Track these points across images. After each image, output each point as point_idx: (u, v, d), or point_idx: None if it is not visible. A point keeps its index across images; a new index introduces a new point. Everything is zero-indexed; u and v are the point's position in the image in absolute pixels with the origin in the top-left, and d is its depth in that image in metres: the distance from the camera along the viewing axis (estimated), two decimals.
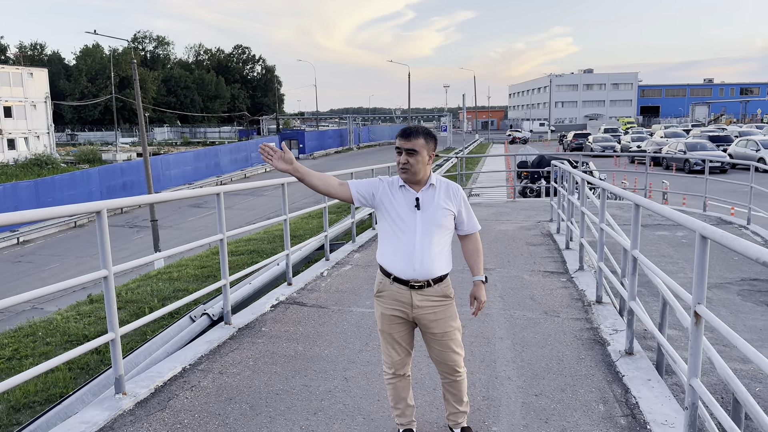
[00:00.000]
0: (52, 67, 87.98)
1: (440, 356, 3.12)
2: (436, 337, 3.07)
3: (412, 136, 2.98)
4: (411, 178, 3.00)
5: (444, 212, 3.02)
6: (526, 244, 9.16)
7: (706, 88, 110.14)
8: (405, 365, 3.16)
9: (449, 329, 3.07)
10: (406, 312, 3.03)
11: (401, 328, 3.09)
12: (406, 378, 3.20)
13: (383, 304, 3.07)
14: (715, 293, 7.55)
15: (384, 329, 3.10)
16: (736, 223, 11.36)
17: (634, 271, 4.37)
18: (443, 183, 3.12)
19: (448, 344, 3.08)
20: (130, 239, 27.89)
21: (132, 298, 8.69)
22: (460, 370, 3.16)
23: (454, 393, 3.22)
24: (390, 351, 3.12)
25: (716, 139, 33.30)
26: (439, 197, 3.04)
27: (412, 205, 3.00)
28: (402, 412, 3.24)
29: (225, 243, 4.96)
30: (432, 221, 2.99)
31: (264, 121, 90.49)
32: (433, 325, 3.04)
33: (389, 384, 3.19)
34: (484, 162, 40.09)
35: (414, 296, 2.99)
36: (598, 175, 17.93)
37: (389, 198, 3.03)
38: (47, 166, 47.83)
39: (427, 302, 3.01)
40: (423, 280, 2.98)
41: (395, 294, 3.02)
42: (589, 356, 4.55)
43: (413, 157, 2.97)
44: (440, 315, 3.04)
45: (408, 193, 3.03)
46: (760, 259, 2.22)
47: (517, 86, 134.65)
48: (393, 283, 3.02)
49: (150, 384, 3.90)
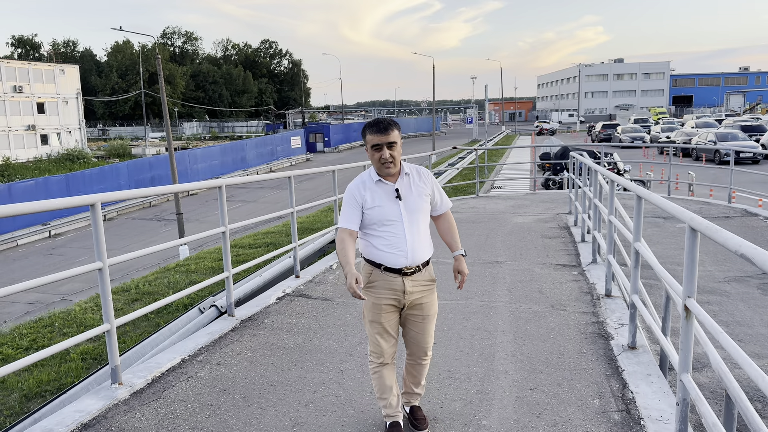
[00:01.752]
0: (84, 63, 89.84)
1: (416, 338, 3.20)
2: (418, 320, 3.15)
3: (388, 129, 2.99)
4: (393, 171, 3.03)
5: (423, 198, 3.10)
6: (541, 237, 9.04)
7: (741, 77, 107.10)
8: (392, 354, 3.21)
9: (431, 312, 3.18)
10: (398, 299, 3.08)
11: (392, 316, 3.13)
12: (392, 365, 3.23)
13: (376, 294, 3.08)
14: (734, 287, 7.35)
15: (374, 319, 3.11)
16: (762, 214, 11.04)
17: (636, 263, 4.27)
18: (414, 169, 3.18)
19: (427, 327, 3.18)
20: (157, 232, 28.41)
21: (149, 290, 8.84)
22: (429, 353, 3.27)
23: (415, 375, 3.31)
24: (380, 341, 3.13)
25: (749, 129, 32.41)
26: (415, 183, 3.10)
27: (392, 196, 3.04)
28: (388, 402, 3.24)
29: (227, 236, 5.00)
30: (414, 208, 3.06)
31: (290, 115, 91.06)
32: (419, 309, 3.13)
33: (375, 373, 3.20)
34: (509, 154, 39.70)
35: (406, 283, 3.06)
36: (622, 167, 17.62)
37: (371, 195, 3.05)
38: (79, 160, 48.97)
39: (418, 287, 3.10)
40: (414, 266, 3.07)
41: (388, 283, 3.06)
42: (591, 350, 4.48)
43: (394, 150, 3.00)
44: (427, 299, 3.14)
45: (386, 186, 3.06)
46: (738, 251, 2.15)
47: (546, 77, 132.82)
48: (384, 273, 3.06)
49: (147, 374, 3.97)
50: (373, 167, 3.08)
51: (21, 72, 51.06)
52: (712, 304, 6.77)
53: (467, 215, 11.39)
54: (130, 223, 31.15)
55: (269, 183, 38.76)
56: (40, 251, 26.36)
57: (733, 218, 10.89)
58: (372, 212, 3.03)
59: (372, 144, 2.99)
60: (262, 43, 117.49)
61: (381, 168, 3.02)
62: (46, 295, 18.14)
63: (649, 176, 19.49)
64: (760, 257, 1.98)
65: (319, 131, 63.15)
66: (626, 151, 35.52)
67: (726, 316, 6.46)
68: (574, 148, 16.98)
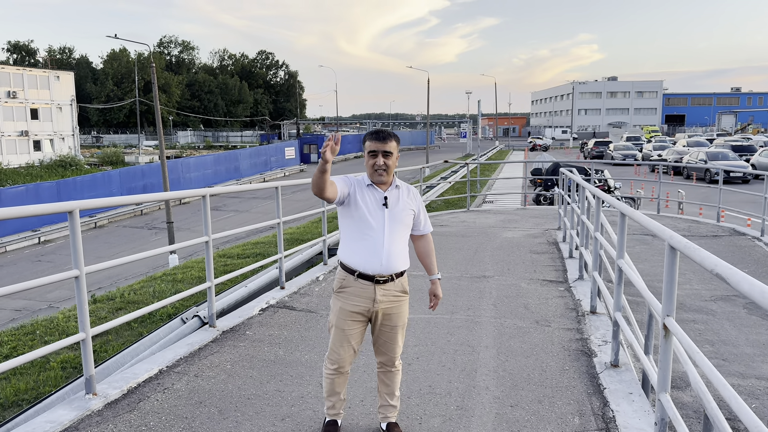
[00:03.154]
0: (80, 70, 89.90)
1: (385, 347, 3.25)
2: (385, 329, 3.20)
3: (387, 139, 3.12)
4: (386, 179, 3.13)
5: (408, 212, 3.20)
6: (530, 252, 9.04)
7: (733, 97, 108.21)
8: (348, 363, 3.26)
9: (401, 323, 3.23)
10: (367, 307, 3.12)
11: (357, 325, 3.16)
12: (345, 374, 3.29)
13: (345, 300, 3.14)
14: (720, 306, 7.36)
15: (339, 325, 3.17)
16: (750, 234, 11.09)
17: (620, 281, 4.25)
18: (404, 185, 3.27)
19: (396, 337, 3.23)
20: (148, 240, 28.25)
21: (133, 299, 8.76)
22: (397, 363, 3.31)
23: (387, 384, 3.32)
24: (338, 348, 3.19)
25: (739, 148, 32.67)
26: (404, 198, 3.20)
27: (380, 203, 3.12)
28: (333, 405, 3.35)
29: (210, 246, 4.95)
30: (398, 219, 3.14)
31: (285, 126, 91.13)
32: (389, 319, 3.18)
33: (328, 378, 3.28)
34: (502, 168, 39.83)
35: (377, 291, 3.11)
36: (612, 184, 17.69)
37: (361, 195, 3.13)
38: (71, 167, 48.72)
39: (389, 296, 3.14)
40: (387, 274, 3.12)
41: (359, 290, 3.11)
42: (573, 367, 4.45)
43: (389, 159, 3.11)
44: (397, 309, 3.19)
45: (376, 192, 3.15)
46: (713, 270, 2.13)
47: (540, 93, 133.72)
48: (357, 280, 3.11)
49: (123, 385, 3.90)
50: (366, 173, 3.18)
51: (15, 77, 50.95)
52: (698, 322, 6.77)
53: (457, 229, 11.37)
54: (120, 231, 30.98)
55: (262, 193, 38.70)
56: (28, 258, 26.14)
57: (722, 237, 10.92)
58: (357, 209, 3.09)
59: (369, 150, 3.11)
60: (259, 53, 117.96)
61: (373, 174, 3.12)
62: (32, 302, 17.96)
63: (640, 194, 19.58)
64: (734, 277, 1.96)
65: (313, 142, 63.18)
66: (618, 168, 35.70)
67: (711, 335, 6.45)
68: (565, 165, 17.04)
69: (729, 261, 8.53)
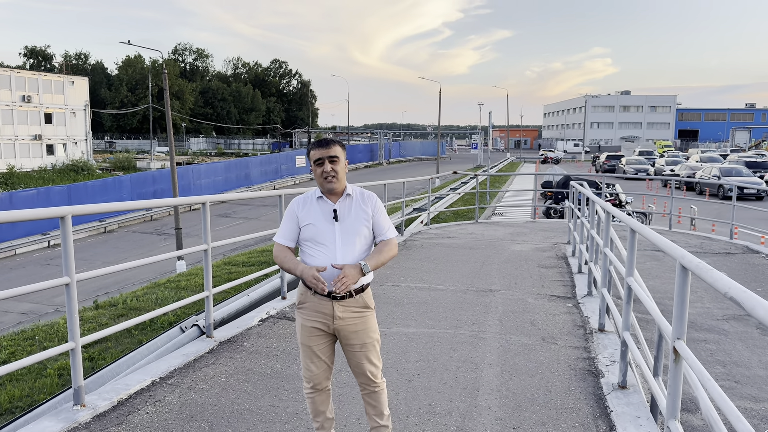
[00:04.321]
0: (95, 76, 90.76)
1: (358, 368, 3.10)
2: (354, 349, 3.05)
3: (330, 144, 3.04)
4: (336, 187, 3.01)
5: (362, 221, 3.03)
6: (538, 266, 8.88)
7: (747, 113, 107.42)
8: (324, 379, 3.12)
9: (368, 340, 3.06)
10: (327, 324, 2.99)
11: (321, 340, 3.04)
12: (325, 392, 3.15)
13: (304, 316, 3.04)
14: (732, 325, 7.16)
15: (303, 342, 3.06)
16: (763, 252, 10.86)
17: (629, 299, 4.11)
18: (358, 192, 3.13)
19: (366, 356, 3.07)
20: (156, 246, 28.29)
21: (136, 306, 8.68)
22: (377, 381, 3.13)
23: (373, 405, 3.17)
24: (309, 364, 3.07)
25: (753, 165, 32.26)
26: (357, 206, 3.05)
27: (330, 216, 3.00)
28: (321, 425, 3.20)
29: (209, 254, 4.86)
30: (351, 231, 3.00)
31: (296, 135, 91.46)
32: (353, 336, 3.02)
33: (308, 398, 3.16)
34: (513, 180, 39.64)
35: (336, 307, 2.97)
36: (624, 198, 17.48)
37: (307, 212, 3.03)
38: (83, 171, 49.09)
39: (349, 313, 3.00)
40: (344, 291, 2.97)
41: (316, 305, 2.99)
42: (579, 388, 4.29)
43: (336, 164, 3.00)
44: (360, 326, 3.03)
45: (326, 204, 3.03)
46: (727, 294, 2.00)
47: (552, 106, 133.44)
48: (315, 295, 2.98)
49: (113, 396, 3.80)
50: (317, 184, 3.07)
51: (30, 82, 51.51)
52: (710, 342, 6.58)
53: (465, 241, 11.23)
54: (130, 236, 31.07)
55: (272, 200, 38.71)
56: (37, 261, 26.25)
57: (734, 255, 10.70)
58: (306, 229, 3.00)
59: (315, 159, 3.01)
60: (273, 62, 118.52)
61: (323, 183, 3.01)
62: (40, 305, 17.96)
63: (652, 209, 19.34)
64: (750, 302, 1.83)
65: None
66: (630, 182, 35.39)
67: (723, 356, 6.26)
68: (575, 178, 16.87)
69: (742, 279, 8.34)
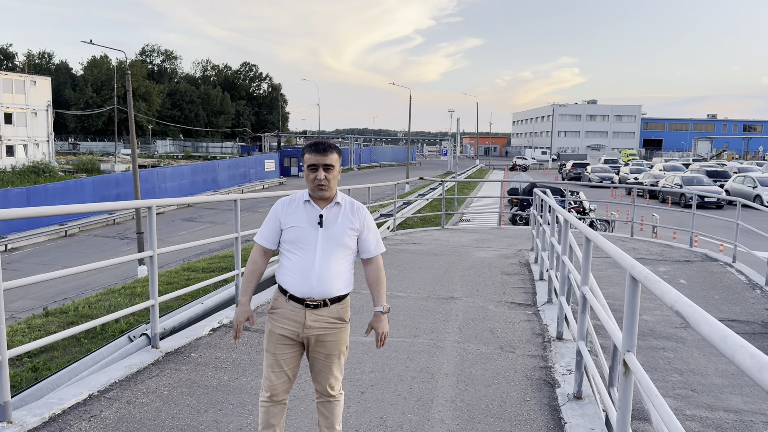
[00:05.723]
0: (59, 76, 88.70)
1: (319, 375, 2.99)
2: (319, 356, 2.94)
3: (327, 151, 2.90)
4: (327, 194, 2.90)
5: (348, 232, 2.94)
6: (501, 273, 8.84)
7: (709, 123, 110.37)
8: (283, 392, 2.98)
9: (336, 352, 2.97)
10: (296, 332, 2.88)
11: (287, 350, 2.92)
12: (281, 404, 3.01)
13: (274, 322, 2.93)
14: (690, 333, 7.17)
15: (269, 349, 2.94)
16: (721, 260, 11.03)
17: (584, 308, 4.05)
18: (348, 201, 3.01)
19: (330, 367, 2.98)
20: (119, 250, 27.61)
21: (87, 313, 8.37)
22: (334, 393, 3.03)
23: (326, 416, 3.05)
24: (270, 374, 2.94)
25: (714, 174, 33.05)
26: (344, 216, 2.94)
27: (315, 221, 2.89)
28: None
29: (155, 261, 4.66)
30: (334, 240, 2.89)
31: (266, 138, 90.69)
32: (321, 347, 2.92)
33: (262, 407, 3.00)
34: (481, 187, 39.87)
35: (308, 315, 2.87)
36: (588, 206, 17.66)
37: (292, 215, 2.92)
38: (45, 174, 47.72)
39: (321, 323, 2.89)
40: (319, 299, 2.87)
41: (289, 312, 2.89)
42: (534, 399, 4.22)
43: (330, 173, 2.89)
44: (330, 338, 2.93)
45: (312, 209, 2.92)
46: (674, 307, 1.92)
47: (521, 114, 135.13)
48: (288, 301, 2.89)
49: (45, 412, 3.58)
50: (308, 188, 2.96)
51: None
52: (668, 350, 6.60)
53: (430, 247, 11.16)
54: (91, 240, 30.29)
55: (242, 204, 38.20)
56: None
57: (694, 262, 10.85)
58: (288, 232, 2.90)
59: (309, 163, 2.89)
60: (243, 65, 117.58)
61: (315, 189, 2.90)
62: None
63: (615, 216, 19.60)
64: (694, 317, 1.75)
65: (294, 155, 62.80)
66: (594, 190, 35.91)
67: (681, 363, 6.28)
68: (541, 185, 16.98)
69: (700, 287, 8.40)
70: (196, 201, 6.08)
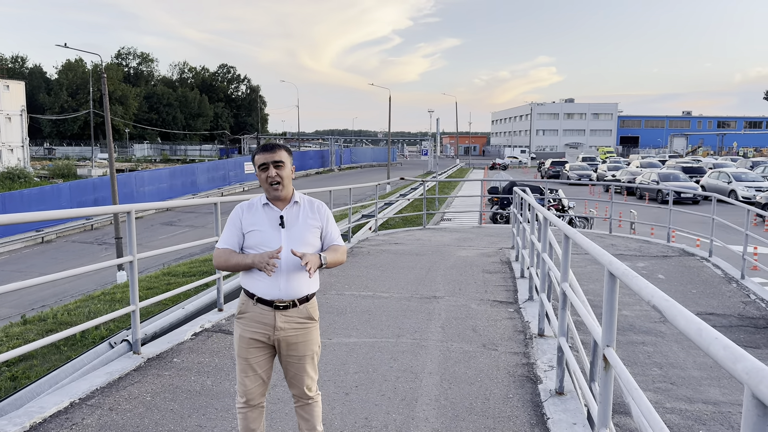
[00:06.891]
0: (33, 80, 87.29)
1: (294, 378, 2.98)
2: (292, 359, 2.93)
3: (275, 149, 2.92)
4: (282, 193, 2.90)
5: (310, 229, 2.95)
6: (482, 272, 8.90)
7: (684, 120, 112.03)
8: (259, 395, 2.98)
9: (309, 352, 2.96)
10: (267, 335, 2.87)
11: (259, 353, 2.91)
12: (258, 408, 3.01)
13: (243, 326, 2.91)
14: (670, 327, 7.30)
15: (240, 354, 2.92)
16: (698, 255, 11.22)
17: (564, 305, 4.10)
18: (307, 200, 3.03)
19: (304, 367, 2.96)
20: (97, 256, 27.24)
21: (66, 320, 8.26)
22: (311, 394, 3.02)
23: (306, 419, 3.05)
24: (244, 378, 2.93)
25: (690, 170, 33.59)
26: (305, 214, 2.95)
27: (276, 223, 2.89)
28: None
29: (135, 266, 4.62)
30: (298, 239, 2.89)
31: (245, 140, 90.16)
32: (294, 348, 2.91)
33: (240, 413, 3.00)
34: (462, 186, 40.06)
35: (278, 317, 2.86)
36: (566, 203, 17.85)
37: (251, 219, 2.91)
38: (20, 179, 46.97)
39: (291, 324, 2.89)
40: (288, 300, 2.86)
41: (258, 316, 2.87)
42: (517, 395, 4.26)
43: (282, 170, 2.89)
44: (302, 338, 2.93)
45: (272, 211, 2.91)
46: (650, 302, 1.96)
47: (500, 113, 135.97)
48: (256, 304, 2.87)
49: (25, 421, 3.53)
50: (263, 190, 2.97)
51: None
52: (647, 344, 6.70)
53: (412, 247, 11.19)
54: (69, 246, 29.85)
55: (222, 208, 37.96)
56: None
57: (671, 257, 11.02)
58: (250, 236, 2.88)
59: (259, 164, 2.89)
60: (220, 67, 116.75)
61: (269, 189, 2.90)
62: None
63: (593, 213, 19.83)
64: (671, 311, 1.79)
65: None
66: (573, 188, 36.28)
67: (660, 357, 6.38)
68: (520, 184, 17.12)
69: (678, 282, 8.53)
70: (175, 205, 6.09)
